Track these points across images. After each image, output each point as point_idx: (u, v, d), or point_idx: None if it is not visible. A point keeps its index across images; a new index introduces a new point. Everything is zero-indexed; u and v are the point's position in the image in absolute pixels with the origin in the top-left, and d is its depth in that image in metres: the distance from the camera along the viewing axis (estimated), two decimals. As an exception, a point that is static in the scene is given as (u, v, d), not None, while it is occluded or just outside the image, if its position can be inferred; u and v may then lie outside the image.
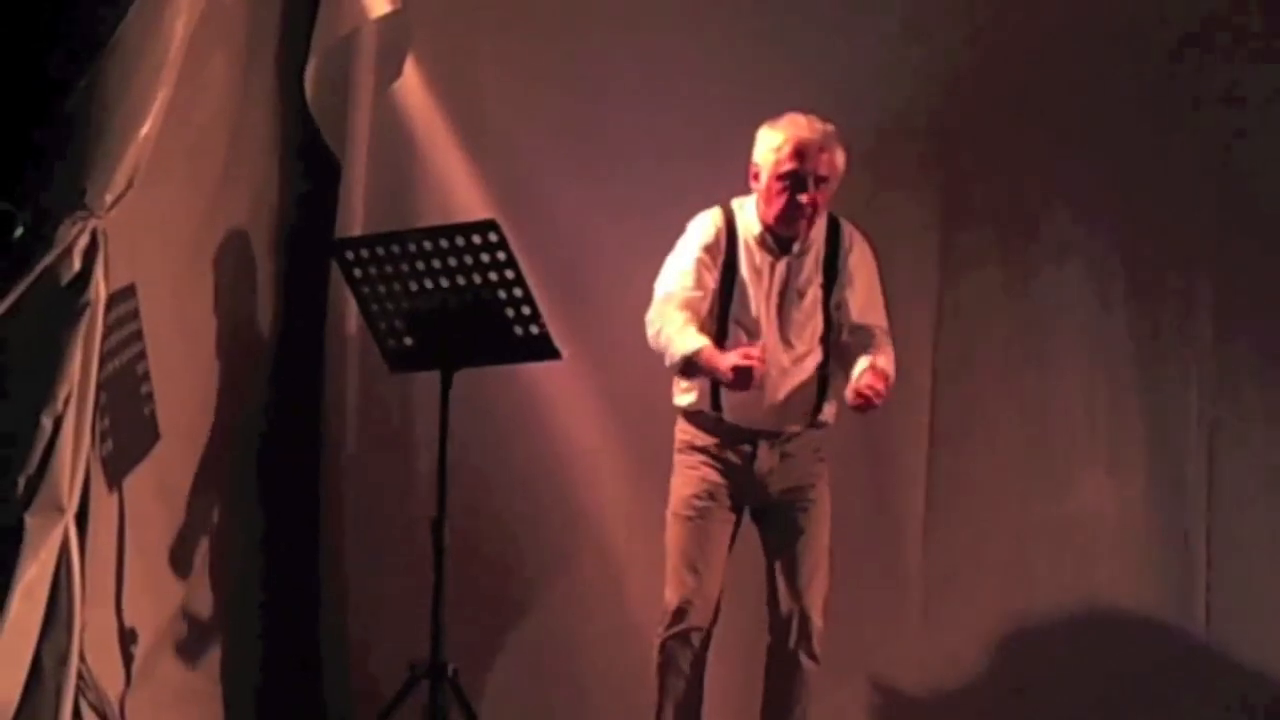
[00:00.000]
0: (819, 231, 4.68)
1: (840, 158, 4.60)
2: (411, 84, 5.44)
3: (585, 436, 5.35)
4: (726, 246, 4.66)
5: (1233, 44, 5.18)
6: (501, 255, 4.45)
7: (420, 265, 4.52)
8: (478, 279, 4.48)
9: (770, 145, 4.60)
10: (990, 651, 5.22)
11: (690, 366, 4.53)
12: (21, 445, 4.27)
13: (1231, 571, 5.14)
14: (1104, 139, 5.21)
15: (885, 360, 4.59)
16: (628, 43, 5.35)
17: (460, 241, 4.46)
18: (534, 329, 4.52)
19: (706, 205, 4.74)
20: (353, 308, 4.89)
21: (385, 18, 5.30)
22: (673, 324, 4.55)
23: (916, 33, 5.28)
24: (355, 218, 5.39)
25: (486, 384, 5.09)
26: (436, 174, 5.44)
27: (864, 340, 4.65)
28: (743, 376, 4.41)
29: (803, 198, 4.55)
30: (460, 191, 5.41)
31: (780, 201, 4.57)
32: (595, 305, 5.20)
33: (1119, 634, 5.18)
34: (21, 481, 4.27)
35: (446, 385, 4.61)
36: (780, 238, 4.64)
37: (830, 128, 4.59)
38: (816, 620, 4.66)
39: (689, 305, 4.59)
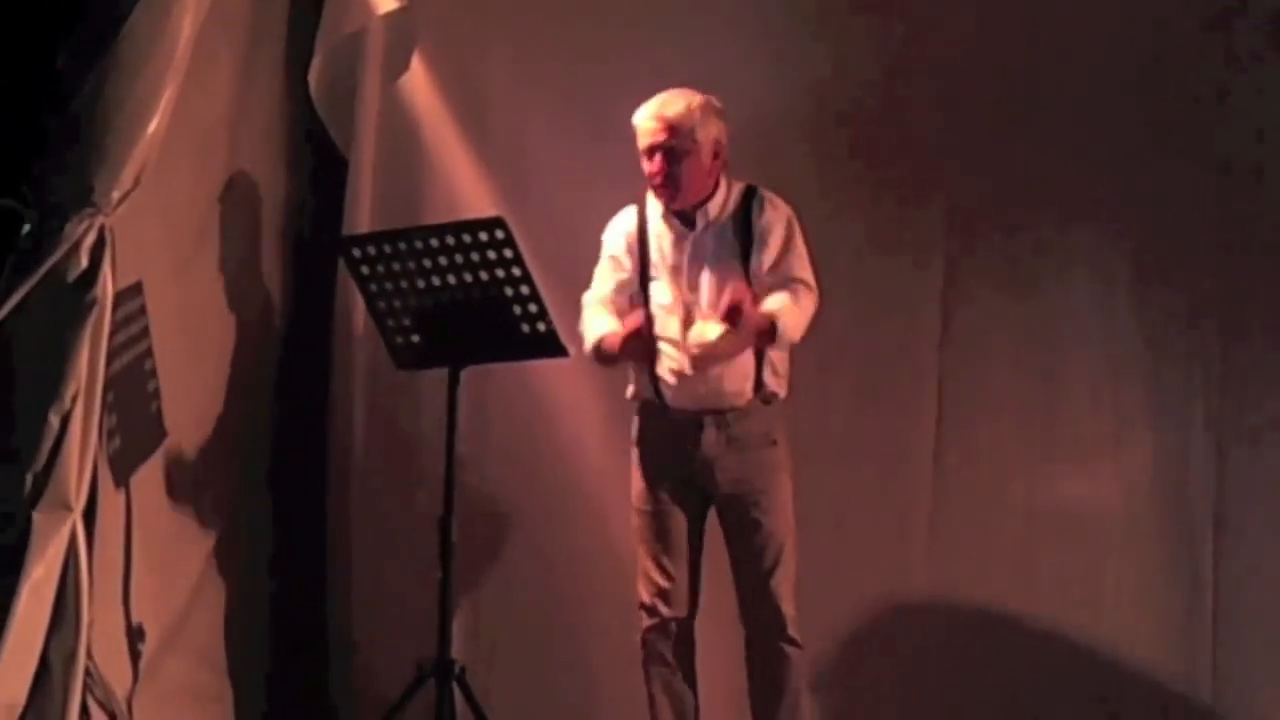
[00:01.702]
0: (730, 202, 4.68)
1: (687, 120, 4.59)
2: (418, 81, 5.44)
3: (592, 433, 5.35)
4: (638, 236, 4.72)
5: (1236, 47, 5.16)
6: (508, 252, 4.44)
7: (427, 263, 4.51)
8: (484, 276, 4.48)
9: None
10: (993, 650, 5.21)
11: (601, 356, 4.68)
12: (29, 443, 4.28)
13: (1238, 570, 5.13)
14: (1107, 145, 5.19)
15: (787, 299, 4.55)
16: (634, 40, 5.34)
17: (467, 239, 4.46)
18: (541, 326, 4.51)
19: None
20: (360, 305, 4.89)
21: (391, 15, 5.30)
22: (586, 321, 4.72)
23: (917, 41, 5.28)
24: (362, 215, 5.39)
25: (494, 381, 5.09)
26: (443, 171, 5.44)
27: (774, 287, 4.60)
28: (632, 345, 4.57)
29: (652, 169, 4.61)
30: (467, 189, 5.41)
31: (648, 174, 4.65)
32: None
33: (1124, 635, 5.17)
34: (29, 479, 4.28)
35: (454, 383, 4.61)
36: (681, 214, 4.68)
37: (675, 96, 4.63)
38: (787, 609, 4.64)
39: (606, 303, 4.73)
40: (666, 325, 4.65)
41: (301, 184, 5.48)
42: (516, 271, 4.46)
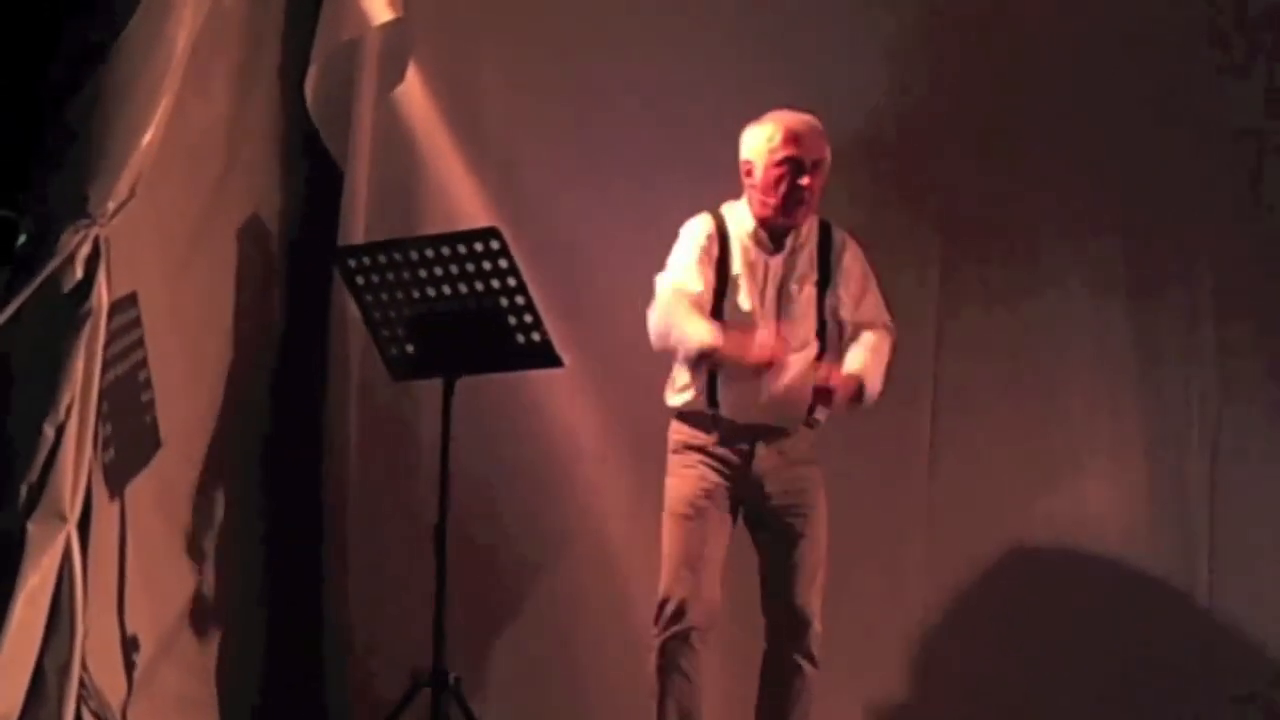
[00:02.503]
0: (811, 232, 4.71)
1: (827, 149, 4.65)
2: (413, 91, 5.44)
3: (586, 443, 5.35)
4: (719, 247, 4.68)
5: (1231, 49, 5.17)
6: (503, 263, 4.45)
7: (422, 273, 4.52)
8: (479, 286, 4.49)
9: (762, 137, 4.65)
10: (989, 657, 5.22)
11: (704, 358, 4.55)
12: (24, 453, 4.28)
13: (1234, 581, 5.14)
14: (1104, 152, 5.21)
15: (869, 355, 4.63)
16: (630, 51, 5.35)
17: (462, 249, 4.47)
18: (535, 336, 4.52)
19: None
20: (355, 315, 4.89)
21: (387, 25, 5.30)
22: (684, 318, 4.57)
23: (914, 46, 5.29)
24: (357, 225, 5.39)
25: (488, 391, 5.09)
26: (438, 182, 5.44)
27: (857, 335, 4.70)
28: (762, 368, 4.53)
29: (803, 180, 4.59)
30: (462, 199, 5.41)
31: (781, 188, 4.60)
32: (597, 312, 5.20)
33: (1122, 640, 5.18)
34: (24, 489, 4.28)
35: (449, 393, 4.61)
36: (774, 232, 4.67)
37: (809, 116, 4.67)
38: (817, 625, 4.67)
39: (696, 302, 4.62)
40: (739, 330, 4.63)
41: (297, 194, 5.48)
42: (512, 282, 4.46)
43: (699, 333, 4.53)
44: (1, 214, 4.45)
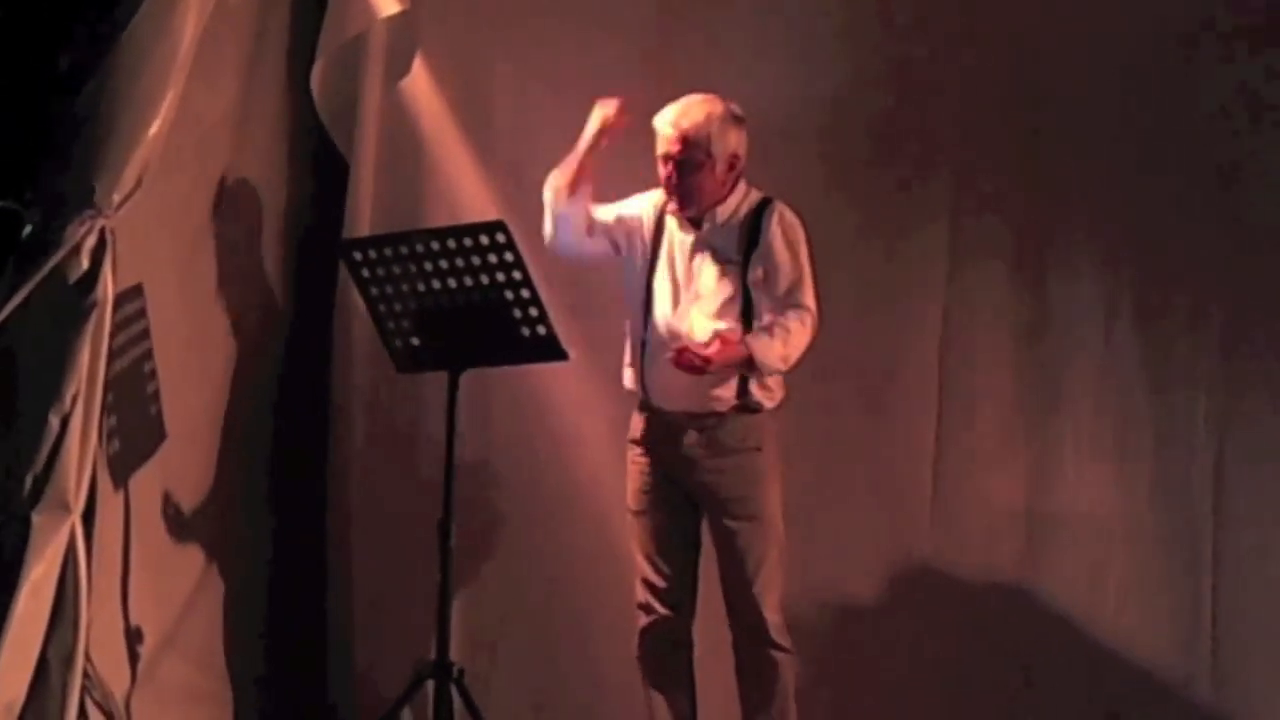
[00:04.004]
0: (743, 209, 4.68)
1: (703, 133, 4.61)
2: (420, 85, 5.44)
3: (591, 436, 5.35)
4: (656, 221, 4.75)
5: (1243, 52, 5.16)
6: (509, 256, 4.45)
7: (428, 266, 4.52)
8: (485, 280, 4.48)
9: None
10: (993, 650, 5.21)
11: (559, 186, 4.76)
12: (29, 444, 4.28)
13: (1239, 581, 5.13)
14: (1110, 146, 5.19)
15: (771, 328, 4.55)
16: (636, 43, 5.35)
17: (468, 242, 4.47)
18: (541, 330, 4.52)
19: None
20: (360, 308, 4.89)
21: (393, 18, 5.30)
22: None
23: (922, 34, 5.28)
24: (363, 218, 5.39)
25: (494, 384, 5.09)
26: (444, 175, 5.44)
27: (772, 309, 4.61)
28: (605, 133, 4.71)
29: (667, 173, 4.64)
30: (468, 192, 5.41)
31: (664, 184, 4.67)
32: (602, 306, 5.20)
33: (1124, 637, 5.17)
34: (29, 480, 4.29)
35: (454, 385, 4.62)
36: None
37: (695, 106, 4.65)
38: (770, 616, 4.64)
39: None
40: (661, 311, 4.66)
41: (303, 186, 5.48)
42: (517, 275, 4.46)
43: (548, 183, 4.76)
44: (8, 205, 4.46)
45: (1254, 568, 5.11)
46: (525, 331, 4.53)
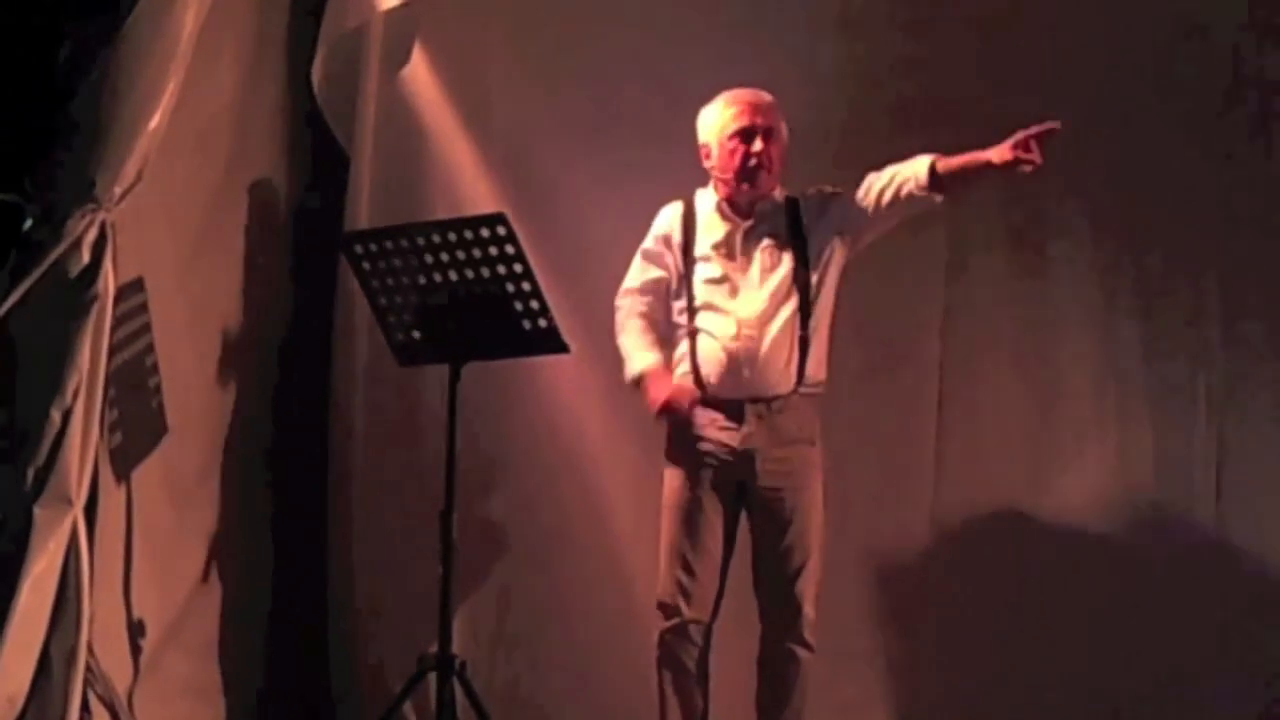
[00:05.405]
0: (778, 206, 4.70)
1: (779, 118, 4.68)
2: (420, 77, 5.44)
3: (593, 429, 5.35)
4: (684, 227, 4.72)
5: (1242, 44, 5.17)
6: (510, 248, 4.45)
7: (429, 258, 4.52)
8: (486, 272, 4.48)
9: (713, 115, 4.71)
10: (993, 641, 5.22)
11: (638, 386, 4.72)
12: (30, 438, 4.28)
13: (1243, 550, 5.14)
14: (1111, 140, 5.20)
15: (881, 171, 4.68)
16: (637, 34, 5.35)
17: (469, 235, 4.47)
18: (542, 322, 4.52)
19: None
20: (361, 300, 4.89)
21: (393, 11, 5.30)
22: (630, 336, 4.75)
23: (924, 27, 5.29)
24: (363, 210, 5.39)
25: (495, 377, 5.09)
26: (445, 167, 5.45)
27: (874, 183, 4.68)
28: (668, 411, 4.63)
29: (755, 146, 4.63)
30: (468, 184, 5.41)
31: (736, 160, 4.65)
32: (603, 298, 5.20)
33: (1124, 630, 5.18)
34: (30, 474, 4.29)
35: (455, 378, 4.61)
36: (735, 205, 4.69)
37: (765, 93, 4.70)
38: (808, 611, 4.64)
39: (645, 314, 4.75)
40: (714, 297, 4.66)
41: (304, 179, 5.48)
42: (518, 268, 4.46)
43: (632, 364, 4.71)
44: (8, 198, 4.46)
45: (1256, 560, 5.12)
46: (526, 324, 4.53)
